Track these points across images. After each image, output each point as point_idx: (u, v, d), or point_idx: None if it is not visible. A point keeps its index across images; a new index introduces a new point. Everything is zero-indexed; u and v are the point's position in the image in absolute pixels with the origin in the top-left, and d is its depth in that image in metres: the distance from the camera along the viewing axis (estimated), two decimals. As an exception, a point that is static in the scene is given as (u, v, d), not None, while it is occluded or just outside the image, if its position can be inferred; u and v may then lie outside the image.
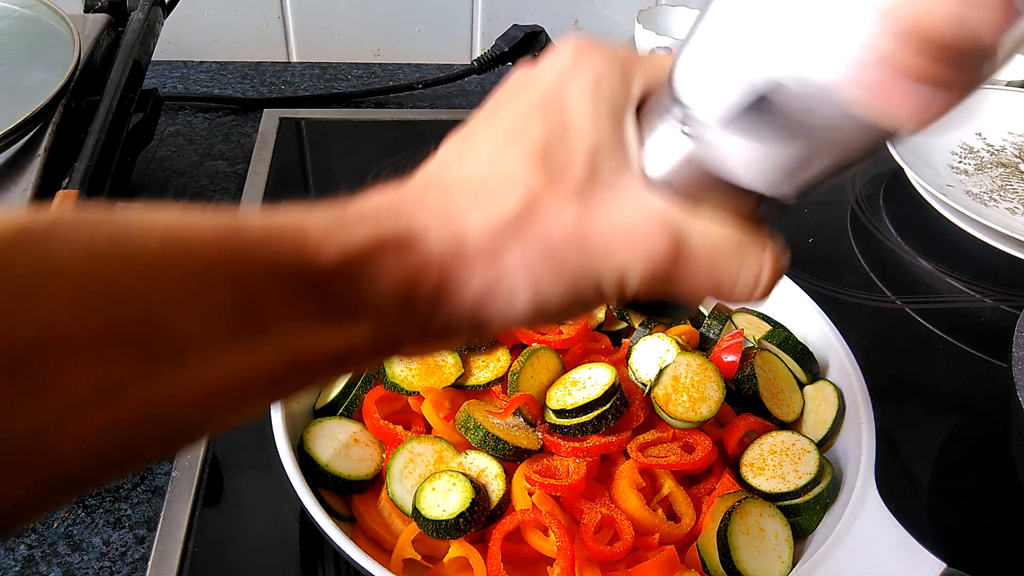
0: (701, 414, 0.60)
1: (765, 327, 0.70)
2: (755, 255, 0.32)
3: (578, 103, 0.31)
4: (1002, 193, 1.06)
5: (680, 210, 0.31)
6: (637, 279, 0.30)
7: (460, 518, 0.52)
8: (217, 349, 0.25)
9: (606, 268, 0.30)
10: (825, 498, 0.58)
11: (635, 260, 0.30)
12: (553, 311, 0.31)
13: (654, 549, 0.55)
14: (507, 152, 0.31)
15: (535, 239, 0.30)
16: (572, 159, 0.30)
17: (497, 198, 0.30)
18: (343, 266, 0.28)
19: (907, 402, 0.78)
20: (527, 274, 0.30)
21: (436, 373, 0.62)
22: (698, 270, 0.31)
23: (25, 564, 0.59)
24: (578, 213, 0.30)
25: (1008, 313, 0.90)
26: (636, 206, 0.31)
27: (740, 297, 0.32)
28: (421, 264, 0.29)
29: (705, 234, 0.31)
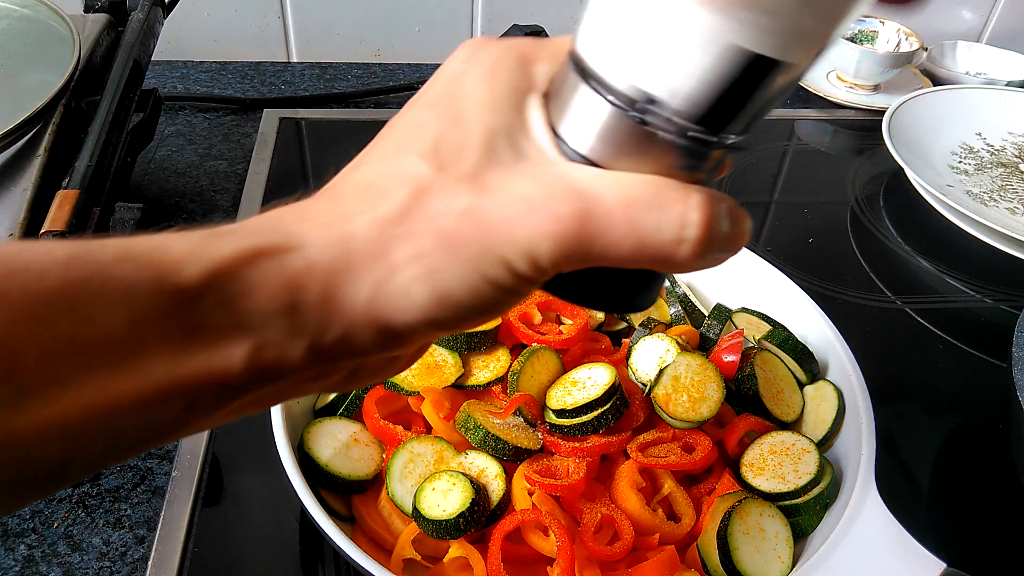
0: (701, 414, 0.60)
1: (765, 327, 0.70)
2: (678, 199, 0.28)
3: (472, 92, 0.30)
4: (1002, 193, 1.06)
5: (590, 172, 0.29)
6: (549, 248, 0.28)
7: (460, 518, 0.52)
8: (70, 380, 0.24)
9: (509, 244, 0.28)
10: (825, 498, 0.58)
11: (541, 228, 0.27)
12: (461, 300, 0.28)
13: (654, 549, 0.55)
14: (400, 153, 0.30)
15: (425, 228, 0.28)
16: (465, 145, 0.29)
17: (385, 195, 0.29)
18: (208, 281, 0.26)
19: (907, 402, 0.79)
20: (420, 265, 0.28)
21: (436, 373, 0.62)
22: (615, 227, 0.28)
23: (25, 564, 0.59)
24: (471, 195, 0.28)
25: (1008, 313, 0.90)
26: (538, 177, 0.29)
27: (667, 252, 0.28)
28: (302, 272, 0.27)
29: (616, 186, 0.28)
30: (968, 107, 1.18)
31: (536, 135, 0.30)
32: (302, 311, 0.27)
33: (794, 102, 1.30)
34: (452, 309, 0.28)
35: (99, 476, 0.66)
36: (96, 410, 0.24)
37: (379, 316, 0.28)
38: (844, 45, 1.25)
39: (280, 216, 0.29)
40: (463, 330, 0.30)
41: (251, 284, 0.27)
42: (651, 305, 0.35)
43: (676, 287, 0.75)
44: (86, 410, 0.24)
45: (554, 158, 0.30)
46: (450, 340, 0.63)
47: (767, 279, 0.73)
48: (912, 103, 1.14)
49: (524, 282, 0.29)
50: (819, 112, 1.28)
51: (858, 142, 1.22)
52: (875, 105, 1.27)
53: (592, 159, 0.30)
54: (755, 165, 1.13)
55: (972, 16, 1.44)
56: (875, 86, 1.31)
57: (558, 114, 0.31)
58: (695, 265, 0.29)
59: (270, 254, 0.27)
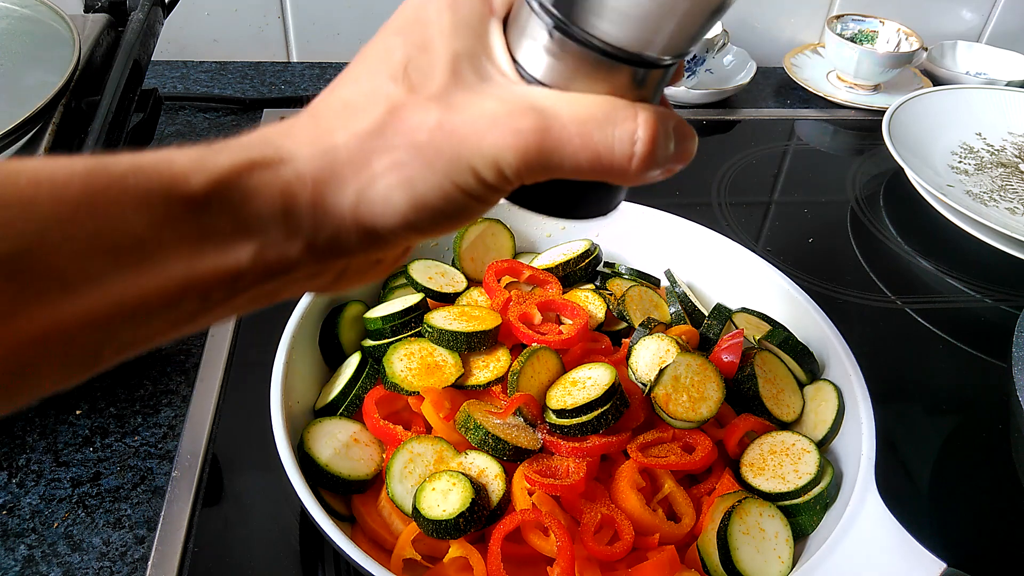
0: (701, 414, 0.60)
1: (765, 327, 0.70)
2: (626, 118, 0.32)
3: (437, 20, 0.33)
4: (1002, 193, 1.06)
5: (548, 93, 0.32)
6: (512, 159, 0.31)
7: (460, 518, 0.52)
8: (102, 276, 0.27)
9: (477, 155, 0.31)
10: (825, 498, 0.58)
11: (504, 141, 0.31)
12: (435, 205, 0.32)
13: (654, 549, 0.55)
14: (373, 76, 0.33)
15: (401, 141, 0.31)
16: (433, 69, 0.32)
17: (362, 112, 0.32)
18: (214, 189, 0.29)
19: (907, 402, 0.79)
20: (398, 173, 0.31)
21: (436, 373, 0.62)
22: (571, 142, 0.31)
23: (25, 564, 0.59)
24: (441, 112, 0.31)
25: (1008, 313, 0.90)
26: (501, 97, 0.32)
27: (620, 164, 0.32)
28: (293, 181, 0.31)
29: (572, 105, 0.32)
30: (968, 107, 1.18)
31: (497, 59, 0.33)
32: (296, 216, 0.31)
33: (794, 102, 1.30)
34: (427, 213, 0.32)
35: (99, 476, 0.66)
36: (124, 303, 0.28)
37: (363, 219, 0.32)
38: (844, 45, 1.25)
39: (267, 133, 0.32)
40: (437, 235, 0.34)
41: (250, 192, 0.30)
42: (607, 213, 0.38)
43: (676, 287, 0.75)
44: (115, 303, 0.28)
45: (514, 80, 0.33)
46: (450, 340, 0.63)
47: (767, 279, 0.73)
48: (912, 103, 1.14)
49: (491, 190, 0.32)
50: (819, 112, 1.28)
51: (858, 142, 1.22)
52: (875, 105, 1.27)
53: (547, 82, 0.33)
54: (755, 165, 1.13)
55: (972, 16, 1.44)
56: (875, 86, 1.31)
57: (515, 40, 0.33)
58: (645, 176, 0.33)
59: (264, 166, 0.31)
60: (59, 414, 0.70)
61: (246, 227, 0.30)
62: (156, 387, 0.73)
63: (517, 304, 0.67)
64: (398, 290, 0.72)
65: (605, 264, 0.79)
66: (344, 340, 0.68)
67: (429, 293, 0.70)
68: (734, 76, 1.29)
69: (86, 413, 0.71)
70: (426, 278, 0.72)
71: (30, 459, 0.67)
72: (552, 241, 0.81)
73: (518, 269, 0.74)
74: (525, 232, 0.80)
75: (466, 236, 0.76)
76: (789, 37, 1.41)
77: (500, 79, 0.33)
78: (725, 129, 1.23)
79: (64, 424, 0.70)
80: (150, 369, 0.75)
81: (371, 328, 0.67)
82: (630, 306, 0.71)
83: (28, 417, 0.70)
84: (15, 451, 0.67)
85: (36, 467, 0.66)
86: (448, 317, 0.65)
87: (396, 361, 0.62)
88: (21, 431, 0.69)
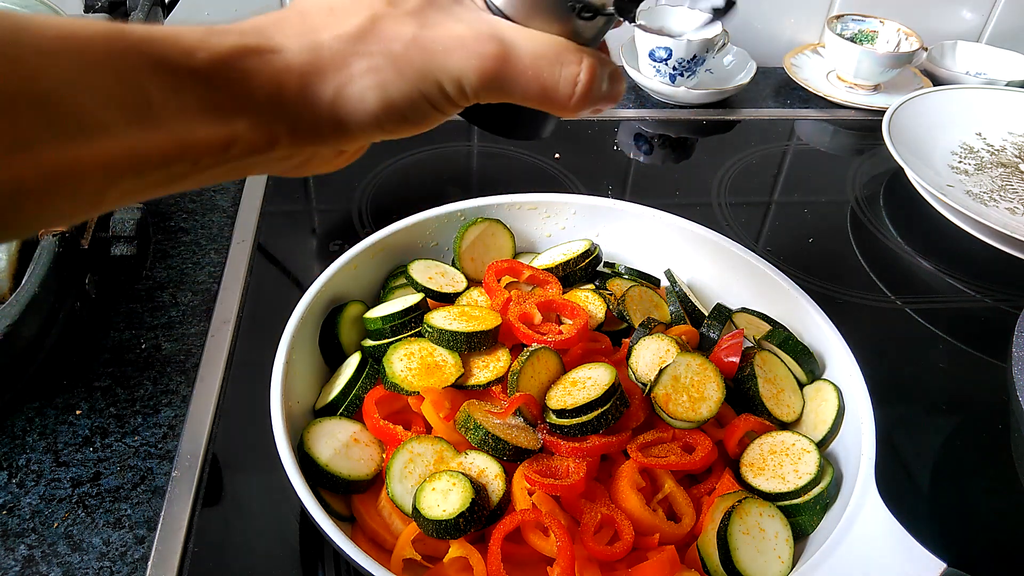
0: (701, 414, 0.60)
1: (765, 327, 0.70)
2: (573, 61, 0.38)
3: None
4: (1002, 193, 1.06)
5: (510, 26, 0.38)
6: (473, 79, 0.36)
7: (460, 518, 0.52)
8: (114, 128, 0.31)
9: (443, 70, 0.36)
10: (825, 498, 0.58)
11: (468, 62, 0.36)
12: (401, 109, 0.36)
13: (654, 549, 0.55)
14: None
15: (379, 48, 0.36)
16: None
17: (346, 18, 0.36)
18: (216, 65, 0.33)
19: (907, 402, 0.79)
20: (374, 76, 0.36)
21: (436, 373, 0.62)
22: (525, 73, 0.37)
23: (25, 564, 0.59)
24: (416, 28, 0.36)
25: (1008, 313, 0.90)
26: (469, 22, 0.37)
27: (562, 98, 0.38)
28: (283, 70, 0.35)
29: (529, 42, 0.37)
30: (968, 107, 1.18)
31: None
32: (283, 101, 0.35)
33: (794, 102, 1.30)
34: (394, 115, 0.37)
35: (99, 476, 0.66)
36: (128, 155, 0.32)
37: (338, 113, 0.36)
38: (844, 45, 1.25)
39: (260, 24, 0.36)
40: (397, 136, 0.39)
41: (246, 73, 0.34)
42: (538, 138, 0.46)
43: (676, 287, 0.75)
44: (122, 154, 0.32)
45: (482, 8, 0.39)
46: (450, 341, 0.63)
47: (767, 279, 0.73)
48: (912, 103, 1.14)
49: (450, 103, 0.37)
50: (819, 112, 1.28)
51: (858, 142, 1.22)
52: (875, 105, 1.27)
53: (510, 15, 0.39)
54: (755, 165, 1.13)
55: (972, 16, 1.44)
56: (875, 86, 1.31)
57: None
58: (580, 110, 0.39)
59: (259, 52, 0.35)
60: (59, 414, 0.70)
61: (240, 104, 0.34)
62: (156, 387, 0.73)
63: (517, 304, 0.67)
64: (398, 290, 0.72)
65: (605, 264, 0.79)
66: (344, 340, 0.68)
67: (429, 293, 0.70)
68: (734, 76, 1.29)
69: (86, 413, 0.71)
70: (426, 278, 0.72)
71: (30, 459, 0.67)
72: (552, 241, 0.81)
73: (518, 269, 0.74)
74: (525, 232, 0.80)
75: (466, 236, 0.76)
76: (789, 37, 1.41)
77: (471, 5, 0.38)
78: (725, 129, 1.23)
79: (64, 424, 0.70)
80: (150, 369, 0.75)
81: (371, 328, 0.67)
82: (630, 306, 0.71)
83: (28, 417, 0.70)
84: (15, 451, 0.67)
85: (36, 467, 0.66)
86: (448, 317, 0.65)
87: (396, 361, 0.62)
88: (21, 431, 0.69)
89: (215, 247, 0.90)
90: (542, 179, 1.06)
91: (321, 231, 0.95)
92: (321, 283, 0.67)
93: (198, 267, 0.87)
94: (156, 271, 0.86)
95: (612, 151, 1.15)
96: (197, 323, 0.80)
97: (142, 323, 0.79)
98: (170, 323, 0.80)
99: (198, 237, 0.91)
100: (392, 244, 0.74)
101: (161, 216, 0.94)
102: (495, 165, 1.10)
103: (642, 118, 1.23)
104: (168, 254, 0.88)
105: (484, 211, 0.78)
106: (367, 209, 0.98)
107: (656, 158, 1.16)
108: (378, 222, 0.92)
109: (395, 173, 1.05)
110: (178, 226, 0.93)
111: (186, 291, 0.84)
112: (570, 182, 1.06)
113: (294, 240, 0.93)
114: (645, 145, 1.18)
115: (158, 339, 0.78)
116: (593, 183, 1.06)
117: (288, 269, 0.89)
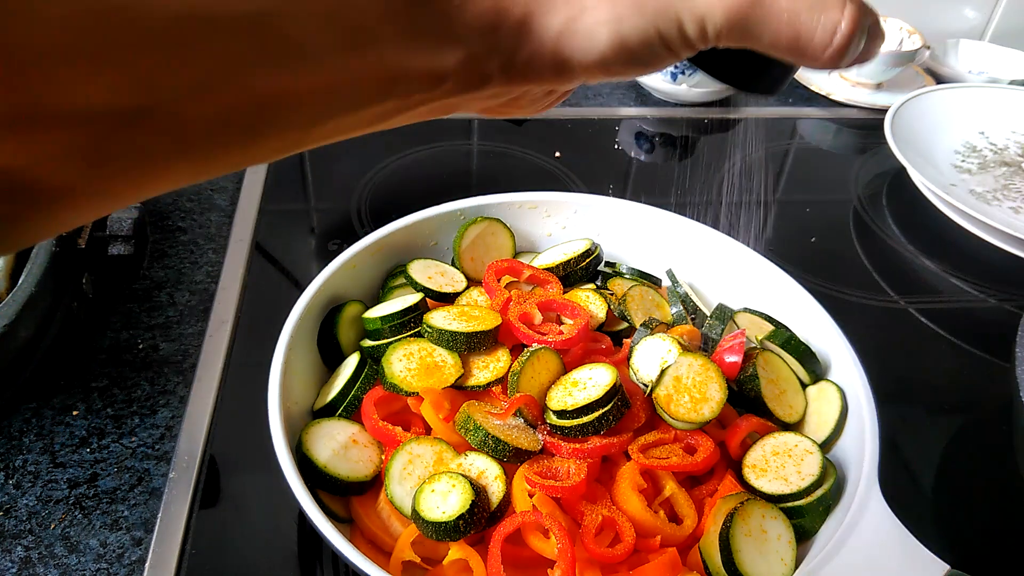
0: (703, 415, 0.59)
1: (767, 327, 0.70)
2: (835, 6, 0.33)
3: None
4: (1005, 192, 1.06)
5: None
6: (719, 20, 0.32)
7: (460, 520, 0.52)
8: (328, 53, 0.29)
9: (688, 8, 0.32)
10: (828, 500, 0.57)
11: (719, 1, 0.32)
12: (633, 48, 0.32)
13: (656, 551, 0.55)
14: None
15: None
16: None
17: None
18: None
19: (910, 403, 0.78)
20: (608, 11, 0.32)
21: (436, 374, 0.61)
22: (780, 16, 0.32)
23: (22, 566, 0.59)
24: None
25: (1012, 313, 0.90)
26: None
27: (816, 49, 0.33)
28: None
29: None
30: (971, 106, 1.17)
31: None
32: (501, 33, 0.32)
33: (796, 101, 1.30)
34: (624, 54, 0.33)
35: (96, 477, 0.65)
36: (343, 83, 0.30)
37: (562, 50, 0.32)
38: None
39: None
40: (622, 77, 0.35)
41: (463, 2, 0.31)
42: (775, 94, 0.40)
43: (678, 287, 0.75)
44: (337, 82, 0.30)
45: None
46: (450, 341, 0.62)
47: (769, 279, 0.73)
48: (915, 102, 1.13)
49: (686, 44, 0.33)
50: (821, 111, 1.27)
51: (860, 141, 1.22)
52: (877, 104, 1.27)
53: None
54: (757, 164, 1.13)
55: (975, 14, 1.43)
56: (877, 84, 1.31)
57: None
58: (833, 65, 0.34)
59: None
60: (56, 415, 0.70)
61: (455, 34, 0.31)
62: (153, 388, 0.73)
63: (517, 304, 0.67)
64: (397, 290, 0.72)
65: (606, 264, 0.78)
66: (343, 340, 0.67)
67: (428, 293, 0.70)
68: (736, 75, 1.28)
69: (83, 414, 0.70)
70: (425, 278, 0.71)
71: (27, 460, 0.66)
72: (552, 240, 0.80)
73: (518, 269, 0.73)
74: (525, 231, 0.80)
75: (466, 236, 0.75)
76: (791, 35, 1.41)
77: None
78: (727, 128, 1.22)
79: (61, 425, 0.69)
80: (147, 369, 0.74)
81: (370, 328, 0.66)
82: (631, 306, 0.70)
83: (25, 418, 0.69)
84: (12, 452, 0.67)
85: (33, 468, 0.66)
86: (448, 317, 0.64)
87: (395, 361, 0.62)
88: (18, 432, 0.68)
89: (213, 246, 0.89)
90: (542, 178, 1.06)
91: (320, 230, 0.95)
92: (320, 283, 0.67)
93: (196, 267, 0.86)
94: (153, 271, 0.86)
95: (613, 149, 1.15)
96: (195, 323, 0.79)
97: (139, 323, 0.79)
98: (168, 323, 0.79)
99: (196, 236, 0.91)
100: (391, 243, 0.73)
101: (159, 215, 0.93)
102: (495, 164, 1.09)
103: (643, 116, 1.22)
104: (166, 253, 0.88)
105: (484, 210, 0.77)
106: (366, 208, 0.97)
107: (657, 157, 1.16)
108: (377, 221, 0.92)
109: (394, 172, 1.04)
110: (176, 225, 0.92)
111: (184, 291, 0.83)
112: (571, 181, 1.05)
113: (292, 239, 0.93)
114: (646, 144, 1.18)
115: (156, 339, 0.77)
116: (594, 182, 1.05)
117: (286, 269, 0.88)
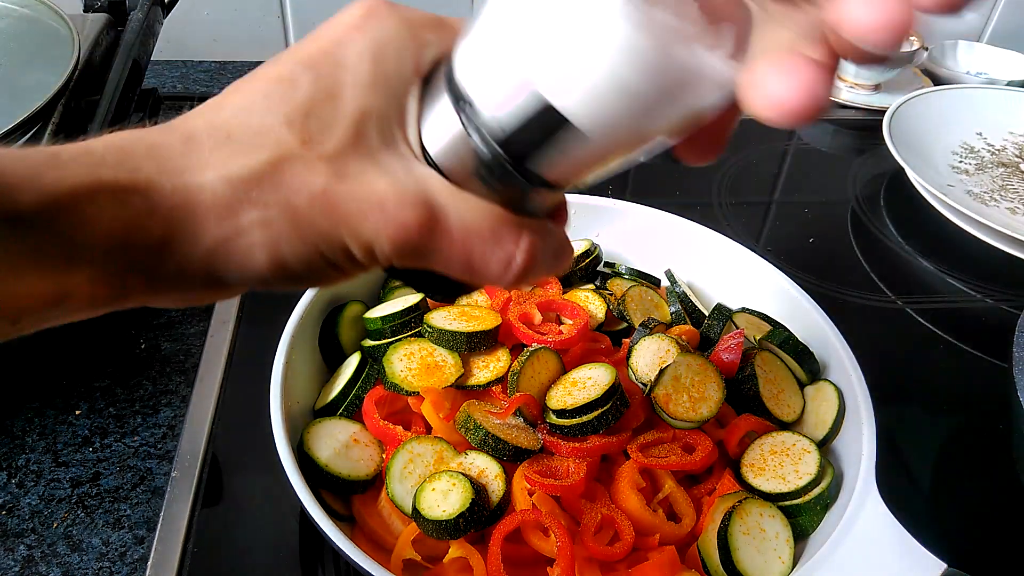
0: (701, 414, 0.60)
1: (765, 327, 0.70)
2: (509, 241, 0.31)
3: (355, 68, 0.30)
4: (1003, 193, 1.06)
5: (443, 187, 0.30)
6: (386, 248, 0.30)
7: (460, 518, 0.52)
8: None
9: (353, 235, 0.29)
10: (826, 498, 0.57)
11: (384, 230, 0.29)
12: (296, 270, 0.30)
13: (654, 549, 0.55)
14: (268, 105, 0.30)
15: (277, 199, 0.29)
16: (335, 124, 0.29)
17: (244, 152, 0.29)
18: (45, 210, 0.26)
19: (908, 402, 0.78)
20: (266, 233, 0.29)
21: (436, 373, 0.62)
22: (451, 247, 0.31)
23: (25, 564, 0.59)
24: (329, 178, 0.29)
25: (1009, 313, 0.90)
26: (396, 177, 0.30)
27: (491, 279, 0.32)
28: (143, 215, 0.27)
29: (462, 212, 0.30)
30: (969, 107, 1.18)
31: (408, 129, 0.31)
32: (137, 252, 0.28)
33: (794, 102, 1.30)
34: (285, 275, 0.30)
35: (99, 476, 0.66)
36: None
37: (215, 268, 0.29)
38: (844, 45, 1.25)
39: (129, 147, 0.28)
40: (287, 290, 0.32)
41: (90, 218, 0.27)
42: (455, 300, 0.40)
43: (676, 287, 0.75)
44: None
45: (417, 156, 0.31)
46: (450, 341, 0.62)
47: (767, 279, 0.73)
48: (913, 103, 1.13)
49: (356, 266, 0.31)
50: (819, 112, 1.28)
51: (858, 142, 1.22)
52: (875, 105, 1.27)
53: (445, 171, 0.31)
54: (755, 165, 1.13)
55: (973, 16, 1.43)
56: (876, 85, 1.31)
57: (427, 113, 0.31)
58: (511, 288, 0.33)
59: (114, 191, 0.27)
60: (58, 414, 0.70)
61: (79, 255, 0.27)
62: (156, 387, 0.73)
63: (517, 304, 0.67)
64: (398, 290, 0.72)
65: (605, 264, 0.78)
66: (344, 340, 0.67)
67: (429, 293, 0.70)
68: (734, 76, 1.29)
69: (85, 413, 0.70)
70: (426, 278, 0.72)
71: (29, 459, 0.67)
72: (552, 241, 0.80)
73: (518, 269, 0.74)
74: (525, 232, 0.80)
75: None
76: (789, 37, 1.41)
77: (403, 150, 0.31)
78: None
79: (63, 424, 0.69)
80: (149, 369, 0.75)
81: (371, 328, 0.67)
82: (630, 306, 0.71)
83: (28, 417, 0.70)
84: (15, 451, 0.67)
85: (36, 467, 0.66)
86: (448, 317, 0.65)
87: (396, 361, 0.62)
88: (21, 431, 0.69)
89: (215, 247, 0.89)
90: (542, 179, 1.06)
91: (321, 231, 0.95)
92: (321, 283, 0.67)
93: (198, 267, 0.87)
94: (156, 271, 0.86)
95: (612, 151, 1.15)
96: (196, 323, 0.80)
97: (142, 322, 0.79)
98: (170, 323, 0.80)
99: (198, 237, 0.91)
100: (392, 244, 0.74)
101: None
102: (495, 165, 1.09)
103: (642, 118, 1.22)
104: (168, 254, 0.88)
105: (484, 211, 0.78)
106: (367, 209, 0.97)
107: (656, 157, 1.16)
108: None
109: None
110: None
111: (186, 291, 0.83)
112: (570, 182, 1.05)
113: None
114: (645, 145, 1.18)
115: (158, 339, 0.78)
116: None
117: (288, 269, 0.88)
